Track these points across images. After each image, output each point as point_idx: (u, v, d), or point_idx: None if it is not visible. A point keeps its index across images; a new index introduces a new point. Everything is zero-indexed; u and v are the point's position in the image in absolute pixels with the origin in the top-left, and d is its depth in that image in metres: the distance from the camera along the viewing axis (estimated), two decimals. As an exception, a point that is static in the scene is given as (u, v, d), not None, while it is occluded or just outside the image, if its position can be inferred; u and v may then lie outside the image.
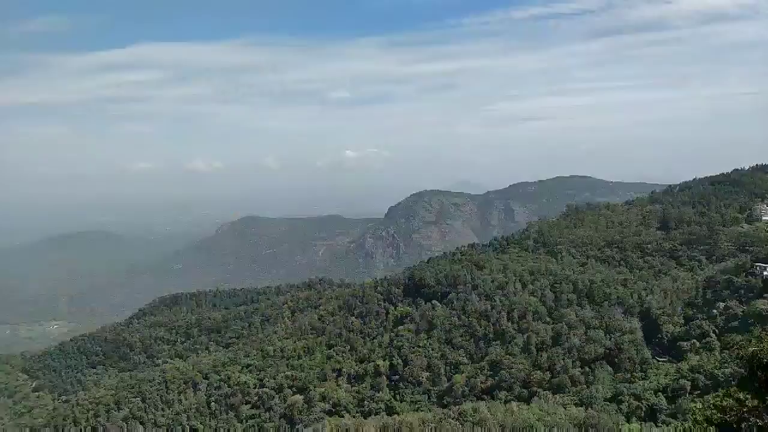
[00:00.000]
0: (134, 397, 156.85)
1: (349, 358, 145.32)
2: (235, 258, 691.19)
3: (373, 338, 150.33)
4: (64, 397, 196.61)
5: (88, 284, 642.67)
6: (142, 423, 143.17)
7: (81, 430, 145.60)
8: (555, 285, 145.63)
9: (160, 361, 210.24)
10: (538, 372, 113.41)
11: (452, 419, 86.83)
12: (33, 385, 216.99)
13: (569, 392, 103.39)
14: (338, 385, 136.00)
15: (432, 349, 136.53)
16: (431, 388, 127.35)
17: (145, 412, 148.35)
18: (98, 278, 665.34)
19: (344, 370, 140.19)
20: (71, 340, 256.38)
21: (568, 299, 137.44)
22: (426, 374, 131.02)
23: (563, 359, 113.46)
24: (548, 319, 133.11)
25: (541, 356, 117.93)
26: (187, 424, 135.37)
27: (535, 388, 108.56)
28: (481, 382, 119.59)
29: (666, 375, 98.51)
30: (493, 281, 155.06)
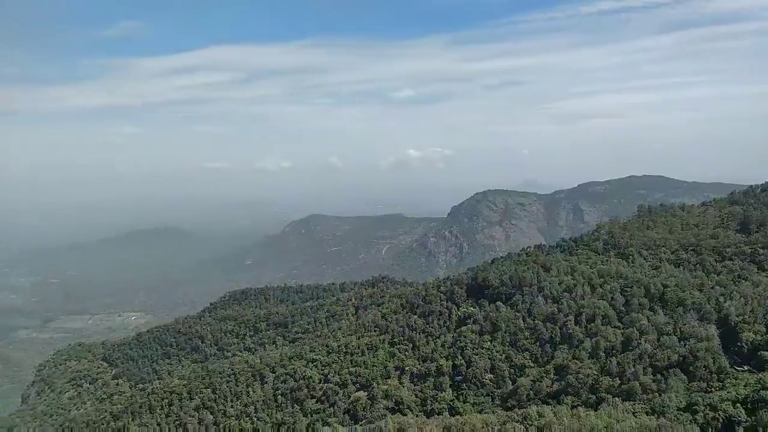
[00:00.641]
0: (205, 388, 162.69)
1: (411, 357, 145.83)
2: (302, 255, 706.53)
3: (436, 338, 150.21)
4: (140, 386, 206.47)
5: (163, 278, 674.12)
6: (212, 413, 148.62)
7: (156, 417, 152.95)
8: (626, 289, 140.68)
9: (229, 353, 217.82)
10: (607, 378, 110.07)
11: (516, 422, 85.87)
12: (112, 373, 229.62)
13: (640, 400, 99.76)
14: (401, 383, 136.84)
15: (496, 351, 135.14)
16: (495, 390, 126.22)
17: (216, 402, 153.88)
18: (172, 273, 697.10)
19: (407, 368, 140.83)
20: (147, 331, 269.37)
21: (639, 303, 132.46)
22: (489, 376, 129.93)
23: (634, 365, 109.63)
24: (618, 323, 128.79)
25: (611, 362, 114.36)
26: (255, 416, 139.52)
27: (603, 394, 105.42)
28: (547, 386, 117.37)
29: (746, 385, 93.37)
30: (560, 283, 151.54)
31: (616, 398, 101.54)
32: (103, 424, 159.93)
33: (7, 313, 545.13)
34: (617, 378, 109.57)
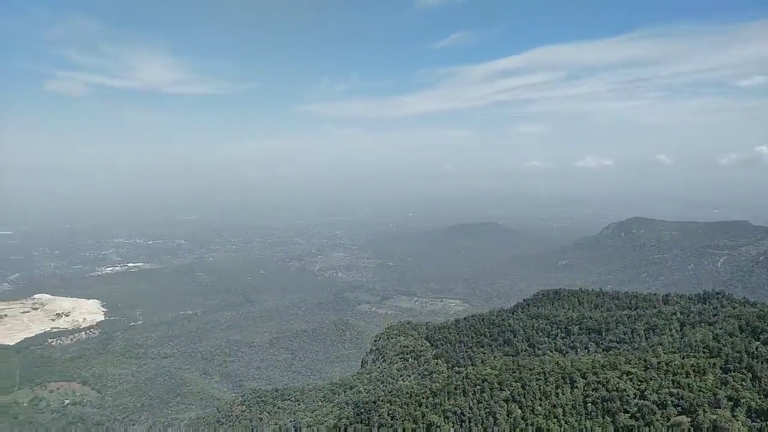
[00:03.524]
0: (515, 382, 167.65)
1: (749, 388, 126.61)
2: (619, 260, 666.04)
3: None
4: (456, 368, 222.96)
5: (480, 270, 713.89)
6: (521, 408, 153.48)
7: (468, 401, 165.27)
8: None
9: (540, 351, 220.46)
10: None
11: None
12: (433, 353, 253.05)
13: None
14: (734, 416, 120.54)
15: None
16: None
17: (524, 398, 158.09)
18: (489, 265, 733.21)
19: (743, 400, 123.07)
20: (464, 318, 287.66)
21: None
22: None
23: None
24: None
25: None
26: (563, 419, 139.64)
27: None
28: None
29: None
30: None
31: None
32: (424, 398, 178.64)
33: (356, 288, 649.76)
34: None
